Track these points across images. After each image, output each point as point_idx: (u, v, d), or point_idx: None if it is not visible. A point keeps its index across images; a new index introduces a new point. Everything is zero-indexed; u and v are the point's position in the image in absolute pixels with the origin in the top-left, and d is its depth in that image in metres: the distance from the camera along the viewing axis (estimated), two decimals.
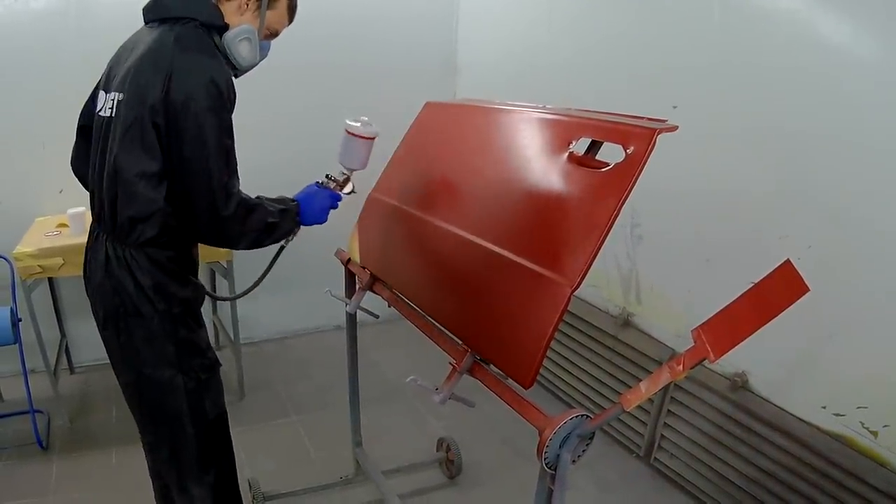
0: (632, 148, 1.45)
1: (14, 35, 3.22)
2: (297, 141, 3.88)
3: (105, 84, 1.84)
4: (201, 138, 1.63)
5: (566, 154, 1.62)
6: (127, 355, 1.87)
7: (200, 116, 1.62)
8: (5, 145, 3.34)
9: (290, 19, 1.97)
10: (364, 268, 2.26)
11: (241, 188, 1.77)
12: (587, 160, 1.61)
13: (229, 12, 1.81)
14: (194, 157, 1.65)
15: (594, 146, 1.66)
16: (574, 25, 3.22)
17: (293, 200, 1.95)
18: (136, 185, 1.69)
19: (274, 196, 1.93)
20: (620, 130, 1.53)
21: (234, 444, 2.11)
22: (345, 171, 2.06)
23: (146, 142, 1.66)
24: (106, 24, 3.27)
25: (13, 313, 2.85)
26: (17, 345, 2.87)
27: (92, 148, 1.86)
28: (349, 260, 2.35)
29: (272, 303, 3.96)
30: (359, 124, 1.99)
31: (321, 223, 2.00)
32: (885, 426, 2.11)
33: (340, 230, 2.42)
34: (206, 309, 2.70)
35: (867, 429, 2.16)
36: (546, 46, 3.42)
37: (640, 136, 1.45)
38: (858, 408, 2.17)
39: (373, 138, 2.01)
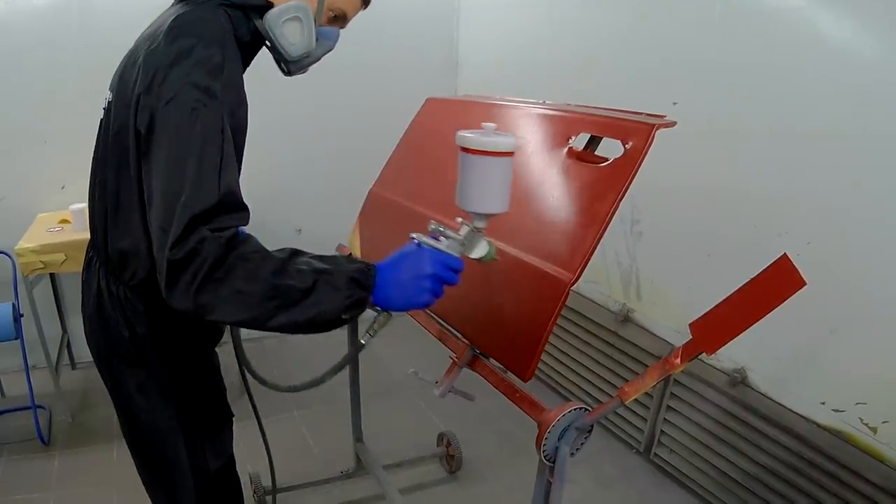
0: (630, 143, 1.46)
1: (16, 31, 3.23)
2: (298, 141, 3.89)
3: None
4: (174, 141, 1.17)
5: (565, 149, 1.63)
6: (121, 397, 1.58)
7: (180, 116, 1.17)
8: (7, 141, 3.35)
9: (366, 1, 1.53)
10: None
11: (241, 230, 1.21)
12: (586, 155, 1.62)
13: None
14: (157, 166, 1.19)
15: (593, 141, 1.67)
16: (575, 22, 3.22)
17: (364, 263, 1.25)
18: (128, 211, 1.35)
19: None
20: (619, 126, 1.53)
21: (235, 438, 2.09)
22: (472, 223, 1.28)
23: (132, 156, 1.29)
24: (108, 20, 3.30)
25: (15, 309, 2.86)
26: (18, 340, 2.88)
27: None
28: (350, 255, 2.36)
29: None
30: (478, 135, 1.20)
31: (422, 306, 1.28)
32: (885, 422, 2.11)
33: (342, 226, 2.42)
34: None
35: (866, 425, 2.16)
36: (547, 43, 3.42)
37: (639, 132, 1.46)
38: (857, 404, 2.18)
39: (512, 153, 1.22)
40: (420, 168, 2.19)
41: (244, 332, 1.71)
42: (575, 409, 1.38)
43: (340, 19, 1.50)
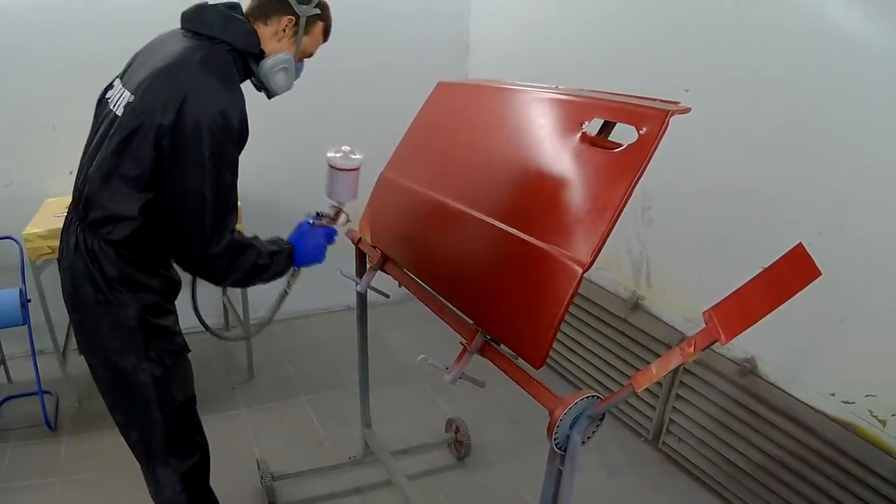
0: (645, 129, 1.44)
1: (23, 17, 3.20)
2: (309, 127, 3.87)
3: (123, 75, 1.82)
4: (202, 170, 1.61)
5: (579, 134, 1.61)
6: (94, 341, 1.85)
7: (206, 148, 1.59)
8: (16, 127, 3.34)
9: (325, 39, 1.97)
10: (375, 247, 2.26)
11: (236, 227, 1.76)
12: (600, 140, 1.60)
13: (266, 37, 1.81)
14: (192, 189, 1.63)
15: (607, 127, 1.65)
16: (586, 6, 3.19)
17: (287, 242, 1.94)
18: (119, 188, 1.67)
19: (268, 237, 1.93)
20: (633, 111, 1.51)
21: (242, 424, 2.09)
22: (335, 205, 2.02)
23: (142, 152, 1.63)
24: (114, 6, 3.27)
25: (22, 294, 2.87)
26: (26, 326, 2.89)
27: (90, 131, 1.85)
28: (360, 239, 2.35)
29: (282, 282, 3.96)
30: (339, 155, 1.93)
31: (319, 262, 2.01)
32: (894, 415, 2.10)
33: (352, 210, 2.40)
34: (215, 290, 2.70)
35: (875, 417, 2.15)
36: (558, 28, 3.39)
37: (654, 118, 1.44)
38: (867, 396, 2.16)
39: (357, 169, 1.95)
40: (430, 152, 2.17)
41: (254, 315, 2.03)
42: (587, 397, 1.37)
43: (308, 56, 1.96)
